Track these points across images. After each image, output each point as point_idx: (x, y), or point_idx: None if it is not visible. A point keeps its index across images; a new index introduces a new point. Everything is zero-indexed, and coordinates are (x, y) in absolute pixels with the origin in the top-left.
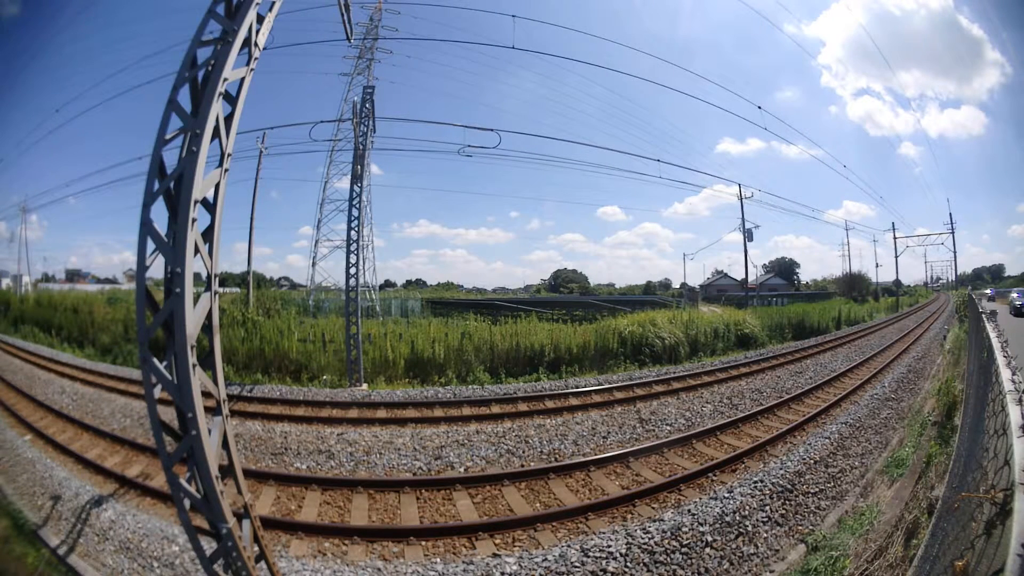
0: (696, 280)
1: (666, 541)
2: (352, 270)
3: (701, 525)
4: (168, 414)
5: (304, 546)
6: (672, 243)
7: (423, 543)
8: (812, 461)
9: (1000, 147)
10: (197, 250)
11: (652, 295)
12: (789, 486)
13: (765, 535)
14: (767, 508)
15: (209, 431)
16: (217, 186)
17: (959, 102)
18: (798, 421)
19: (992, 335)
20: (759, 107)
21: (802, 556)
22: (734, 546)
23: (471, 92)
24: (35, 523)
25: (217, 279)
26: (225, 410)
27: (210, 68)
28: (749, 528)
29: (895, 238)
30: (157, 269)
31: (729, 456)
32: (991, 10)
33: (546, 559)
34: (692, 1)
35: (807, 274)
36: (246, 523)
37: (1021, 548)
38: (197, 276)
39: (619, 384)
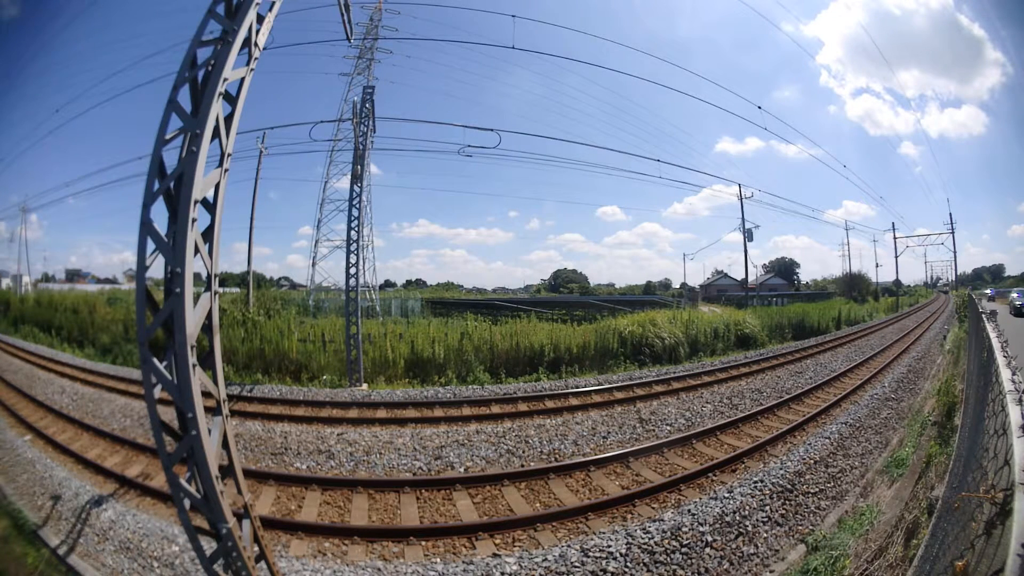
0: (696, 280)
1: (666, 541)
2: (352, 270)
3: (701, 525)
4: (168, 414)
5: (304, 546)
6: (672, 243)
7: (423, 543)
8: (812, 461)
9: (1000, 147)
10: (197, 250)
11: (652, 295)
12: (789, 486)
13: (765, 535)
14: (767, 508)
15: (209, 431)
16: (217, 186)
17: (959, 102)
18: (798, 421)
19: (992, 335)
20: (759, 107)
21: (802, 556)
22: (734, 546)
23: (471, 92)
24: (35, 523)
25: (217, 279)
26: (225, 410)
27: (210, 68)
28: (749, 528)
29: (895, 238)
30: (157, 269)
31: (729, 456)
32: (991, 9)
33: (546, 559)
34: (691, 0)
35: (807, 274)
36: (246, 523)
37: (1021, 548)
38: (197, 276)
39: (619, 384)
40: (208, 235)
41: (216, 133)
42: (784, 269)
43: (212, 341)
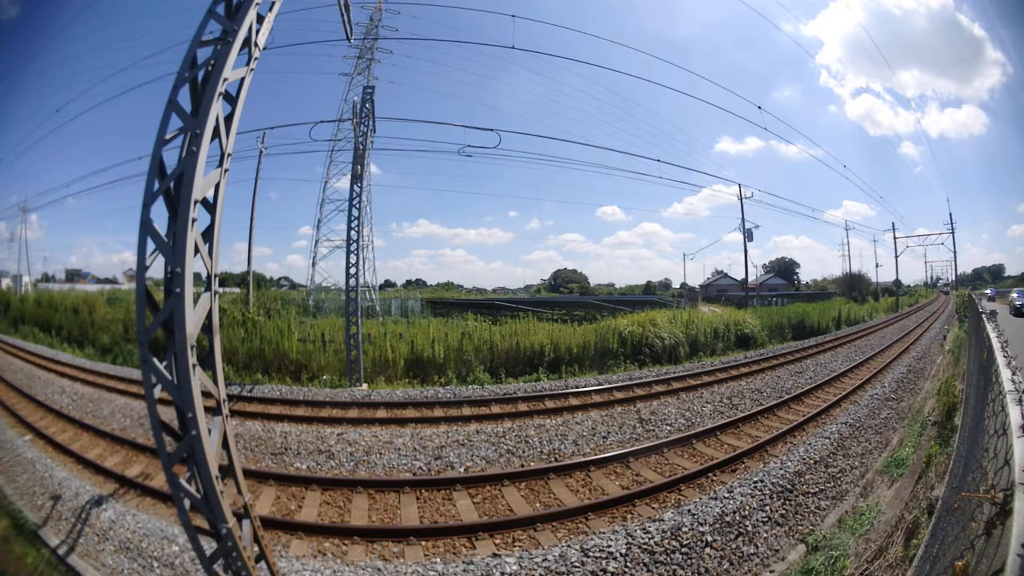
0: (696, 280)
1: (666, 541)
2: (352, 270)
3: (701, 525)
4: (168, 414)
5: (304, 546)
6: (672, 243)
7: (423, 543)
8: (812, 461)
9: (1000, 147)
10: (197, 250)
11: (652, 295)
12: (789, 486)
13: (765, 535)
14: (767, 508)
15: (209, 431)
16: (217, 186)
17: (960, 101)
18: (798, 421)
19: (992, 335)
20: (759, 107)
21: (802, 556)
22: (734, 546)
23: (471, 92)
24: (35, 523)
25: (217, 279)
26: (225, 410)
27: (210, 68)
28: (749, 528)
29: (895, 238)
30: (157, 269)
31: (729, 456)
32: (991, 9)
33: (546, 559)
34: (691, 0)
35: (807, 274)
36: (246, 523)
37: (1021, 548)
38: (197, 276)
39: (619, 384)
40: (208, 235)
41: (216, 133)
42: (784, 269)
43: (212, 341)
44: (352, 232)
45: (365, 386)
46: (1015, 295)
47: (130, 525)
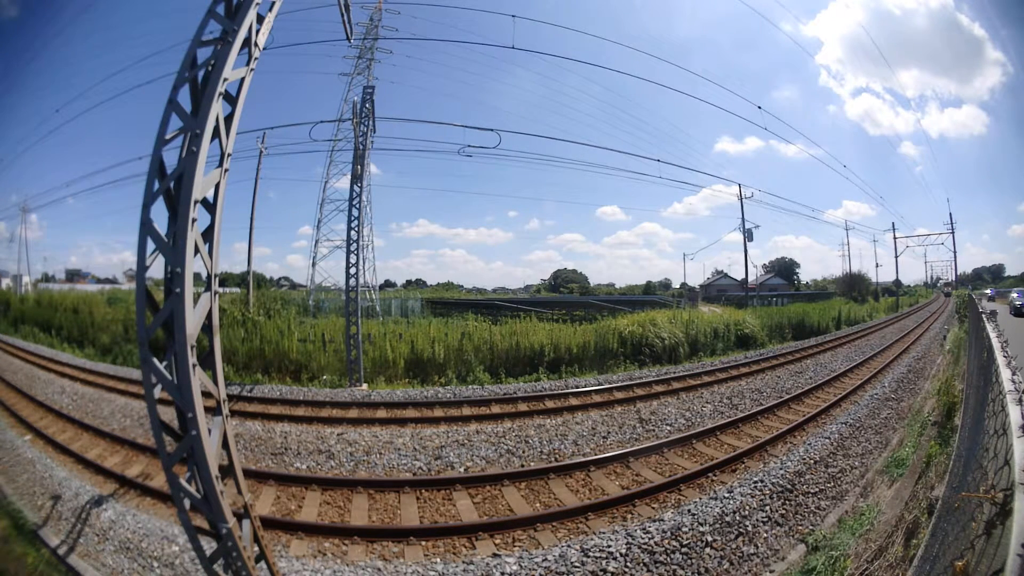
0: (696, 280)
1: (666, 541)
2: (352, 270)
3: (701, 525)
4: (168, 414)
5: (304, 546)
6: (672, 243)
7: (423, 543)
8: (812, 461)
9: (1001, 147)
10: (197, 250)
11: (652, 295)
12: (789, 486)
13: (765, 535)
14: (767, 508)
15: (209, 431)
16: (217, 186)
17: (960, 101)
18: (798, 421)
19: (992, 335)
20: (759, 107)
21: (802, 556)
22: (734, 546)
23: (471, 92)
24: (35, 523)
25: (217, 279)
26: (225, 410)
27: (210, 68)
28: (749, 528)
29: (895, 238)
30: (157, 269)
31: (729, 456)
32: (991, 9)
33: (546, 559)
34: (690, 0)
35: (807, 274)
36: (246, 523)
37: (1021, 548)
38: (197, 276)
39: (619, 384)
40: (208, 235)
41: (216, 133)
42: (784, 269)
43: (212, 341)
44: (352, 232)
45: (365, 386)
46: (1015, 295)
47: (130, 525)
